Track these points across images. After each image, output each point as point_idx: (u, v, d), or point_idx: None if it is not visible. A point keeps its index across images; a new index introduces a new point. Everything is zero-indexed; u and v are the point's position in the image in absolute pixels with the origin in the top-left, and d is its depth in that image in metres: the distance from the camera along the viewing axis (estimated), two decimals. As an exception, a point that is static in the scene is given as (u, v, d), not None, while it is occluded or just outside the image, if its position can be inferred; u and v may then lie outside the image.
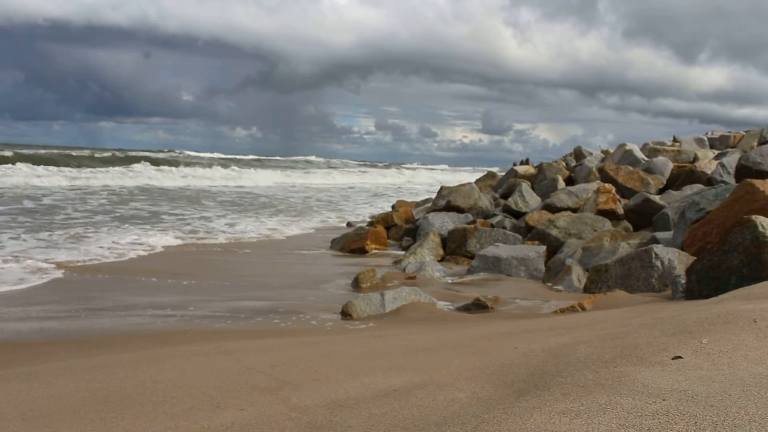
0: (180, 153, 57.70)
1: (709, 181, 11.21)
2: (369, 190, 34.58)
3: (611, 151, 16.58)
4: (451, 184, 15.25)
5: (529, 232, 10.71)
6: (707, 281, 5.31)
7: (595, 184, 11.95)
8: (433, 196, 16.35)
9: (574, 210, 11.27)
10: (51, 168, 30.77)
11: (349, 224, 16.23)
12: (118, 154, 44.60)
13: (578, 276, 7.77)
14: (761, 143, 14.48)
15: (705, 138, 17.08)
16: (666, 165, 12.86)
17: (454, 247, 10.67)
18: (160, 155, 49.32)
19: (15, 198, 18.66)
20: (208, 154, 59.39)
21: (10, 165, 29.58)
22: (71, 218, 14.59)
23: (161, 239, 11.70)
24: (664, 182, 12.48)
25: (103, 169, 32.12)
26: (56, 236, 11.38)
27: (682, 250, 7.07)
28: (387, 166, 70.92)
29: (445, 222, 12.02)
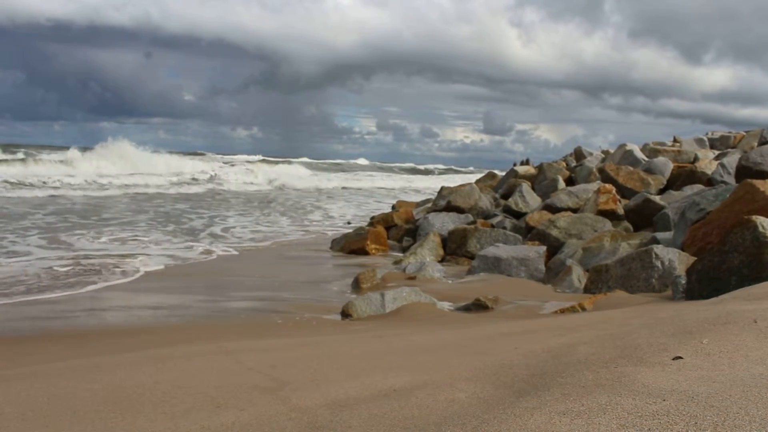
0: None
1: (709, 181, 11.20)
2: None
3: (612, 151, 16.57)
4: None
5: (529, 233, 10.70)
6: (707, 281, 5.30)
7: (596, 185, 11.95)
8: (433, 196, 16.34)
9: (575, 210, 11.27)
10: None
11: (349, 224, 16.24)
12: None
13: (578, 276, 7.77)
14: (761, 143, 14.48)
15: (705, 138, 17.07)
16: (666, 165, 12.86)
17: (454, 247, 10.67)
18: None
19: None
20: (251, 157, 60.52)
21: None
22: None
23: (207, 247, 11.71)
24: (665, 182, 12.47)
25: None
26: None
27: (683, 250, 7.06)
28: (440, 171, 68.19)
29: (446, 222, 12.02)
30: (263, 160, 52.51)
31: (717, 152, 14.79)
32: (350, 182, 39.64)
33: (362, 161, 73.61)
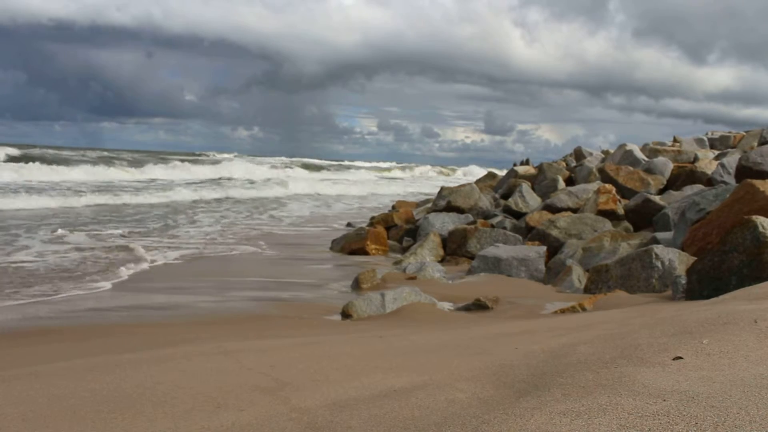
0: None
1: (709, 181, 11.21)
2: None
3: (612, 151, 16.58)
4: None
5: (529, 233, 10.70)
6: (708, 281, 5.30)
7: (596, 185, 11.95)
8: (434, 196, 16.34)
9: (575, 210, 11.27)
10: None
11: (349, 224, 16.24)
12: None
13: (579, 276, 7.77)
14: (761, 143, 14.48)
15: (705, 138, 17.07)
16: (666, 165, 12.86)
17: (454, 247, 10.67)
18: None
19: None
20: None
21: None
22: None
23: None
24: (665, 182, 12.47)
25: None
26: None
27: (683, 250, 7.06)
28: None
29: (446, 222, 12.02)
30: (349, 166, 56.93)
31: (717, 152, 14.80)
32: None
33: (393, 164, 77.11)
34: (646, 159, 13.85)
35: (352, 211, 21.38)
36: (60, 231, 12.30)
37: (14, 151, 38.02)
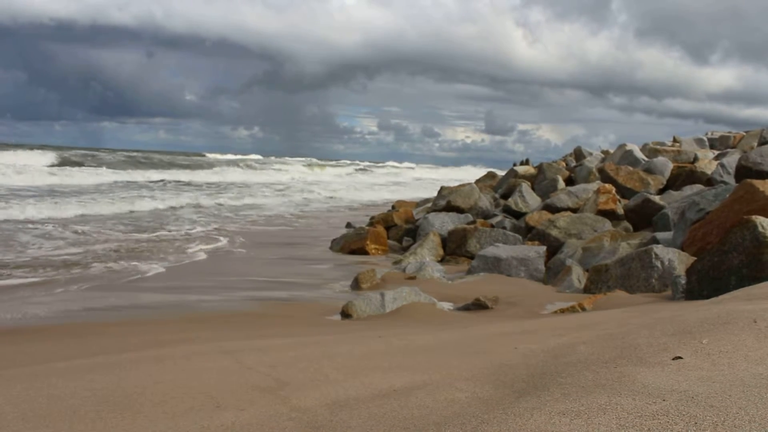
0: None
1: (709, 181, 11.21)
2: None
3: (611, 151, 16.58)
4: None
5: (529, 233, 10.71)
6: (707, 281, 5.31)
7: (595, 185, 11.95)
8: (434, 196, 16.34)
9: (574, 210, 11.27)
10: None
11: (348, 225, 16.24)
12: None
13: (578, 276, 7.77)
14: (761, 143, 14.49)
15: (705, 138, 17.08)
16: (666, 165, 12.86)
17: (454, 247, 10.67)
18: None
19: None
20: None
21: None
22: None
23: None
24: (664, 182, 12.48)
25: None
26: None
27: (682, 250, 7.07)
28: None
29: (445, 222, 12.02)
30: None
31: (717, 152, 14.80)
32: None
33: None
34: (645, 159, 13.85)
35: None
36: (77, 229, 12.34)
37: (52, 155, 38.23)
